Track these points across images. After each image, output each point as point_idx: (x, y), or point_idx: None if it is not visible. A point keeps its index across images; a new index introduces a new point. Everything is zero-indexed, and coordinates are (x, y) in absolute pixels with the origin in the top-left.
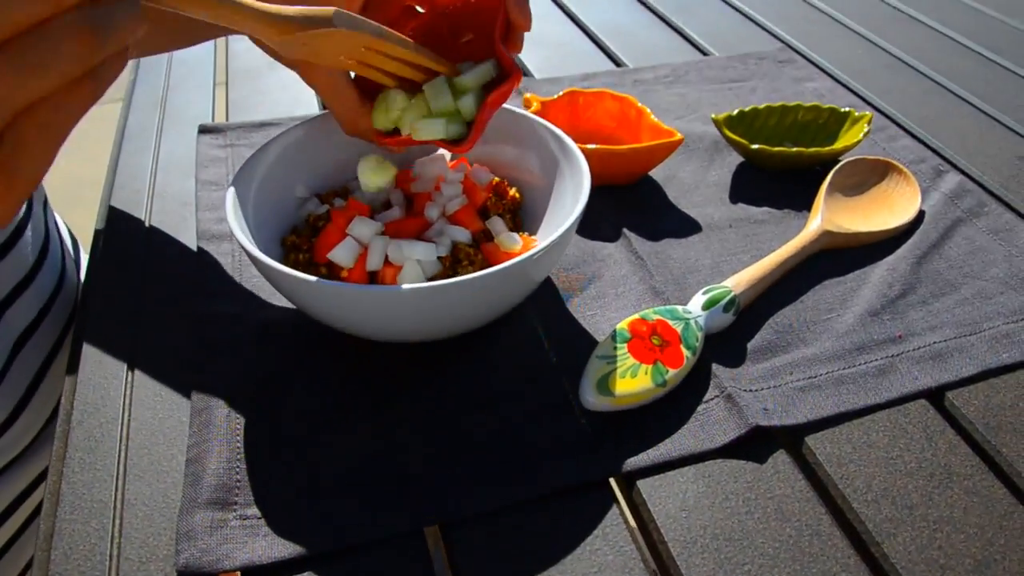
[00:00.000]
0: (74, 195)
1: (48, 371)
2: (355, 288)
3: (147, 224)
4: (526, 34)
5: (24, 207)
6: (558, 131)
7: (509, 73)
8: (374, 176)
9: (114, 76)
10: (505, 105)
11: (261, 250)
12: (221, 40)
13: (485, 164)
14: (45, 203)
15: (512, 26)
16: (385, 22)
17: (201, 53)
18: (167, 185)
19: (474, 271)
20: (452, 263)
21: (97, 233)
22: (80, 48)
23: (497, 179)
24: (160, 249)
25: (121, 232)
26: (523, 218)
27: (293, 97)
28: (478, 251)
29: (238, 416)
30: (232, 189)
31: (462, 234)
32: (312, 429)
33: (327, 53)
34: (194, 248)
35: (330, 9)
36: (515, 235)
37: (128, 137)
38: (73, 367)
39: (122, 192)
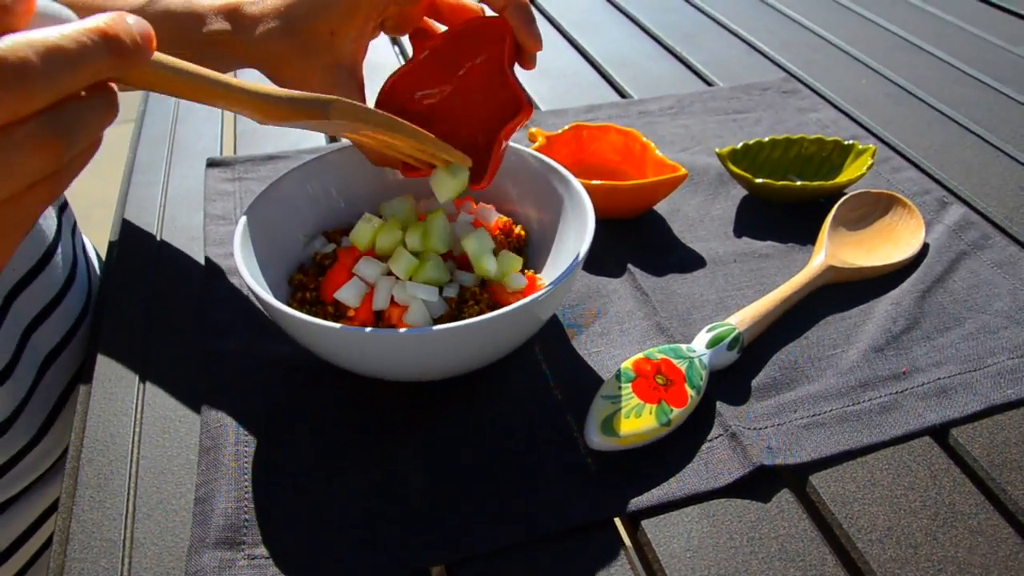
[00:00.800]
0: (84, 215)
1: (72, 394)
2: (360, 331)
3: (156, 259)
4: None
5: (54, 230)
6: (562, 169)
7: (519, 105)
8: (447, 184)
9: (81, 167)
10: (510, 143)
11: (269, 287)
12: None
13: (491, 203)
14: (74, 228)
15: (522, 48)
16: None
17: None
18: (176, 218)
19: (480, 311)
20: (458, 303)
21: (106, 268)
22: (43, 158)
23: (504, 218)
24: (169, 285)
25: (130, 269)
26: (529, 255)
27: (300, 131)
28: (484, 290)
29: (246, 455)
30: (240, 229)
31: (467, 278)
32: (319, 468)
33: (327, 129)
34: (203, 283)
35: (330, 98)
36: (520, 276)
37: (137, 170)
38: (83, 405)
39: (132, 226)
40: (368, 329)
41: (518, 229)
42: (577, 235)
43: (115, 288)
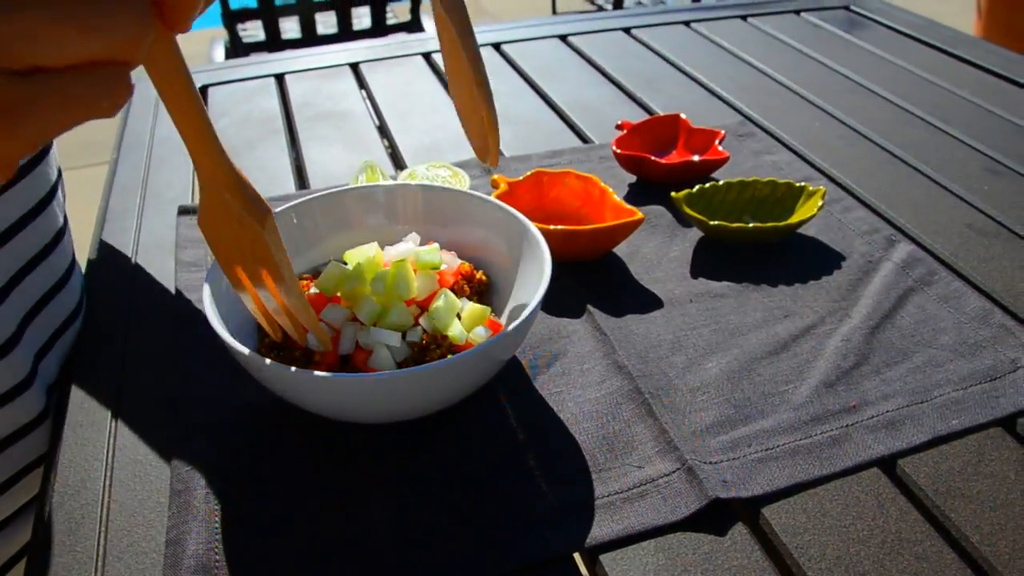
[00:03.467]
0: None
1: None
2: (324, 376)
3: (128, 305)
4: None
5: (62, 220)
6: (522, 217)
7: None
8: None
9: (127, 94)
10: (472, 192)
11: (237, 334)
12: None
13: (453, 248)
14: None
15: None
16: None
17: None
18: (148, 265)
19: (441, 354)
20: (421, 348)
21: (79, 313)
22: (133, 26)
23: (466, 264)
24: (140, 330)
25: (102, 312)
26: (491, 298)
27: (270, 177)
28: (444, 336)
29: (216, 497)
30: (210, 276)
31: (426, 323)
32: (288, 509)
33: (230, 244)
34: (173, 329)
35: (269, 209)
36: (484, 328)
37: (110, 218)
38: (53, 449)
39: (104, 272)
40: (332, 374)
41: (479, 275)
42: (535, 280)
43: (87, 332)
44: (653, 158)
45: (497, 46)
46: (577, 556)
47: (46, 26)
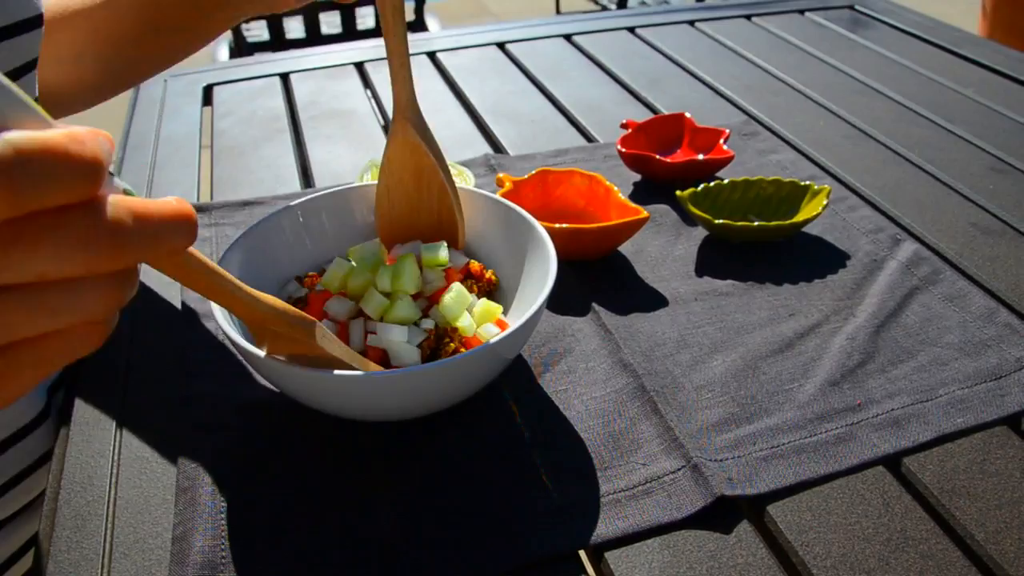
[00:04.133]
0: None
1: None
2: (330, 374)
3: (134, 303)
4: (502, 110)
5: None
6: (528, 215)
7: None
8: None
9: (111, 329)
10: (477, 190)
11: (242, 330)
12: (207, 119)
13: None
14: None
15: None
16: None
17: (187, 132)
18: None
19: (455, 349)
20: (436, 341)
21: None
22: (106, 303)
23: (475, 263)
24: (145, 328)
25: None
26: (500, 297)
27: (275, 175)
28: (455, 329)
29: (223, 494)
30: None
31: (436, 316)
32: (293, 505)
33: (298, 357)
34: (179, 328)
35: (313, 320)
36: (492, 325)
37: None
38: (60, 447)
39: None
40: (338, 372)
41: (489, 274)
42: (540, 278)
43: None
44: (658, 157)
45: (501, 45)
46: (582, 553)
47: (18, 315)
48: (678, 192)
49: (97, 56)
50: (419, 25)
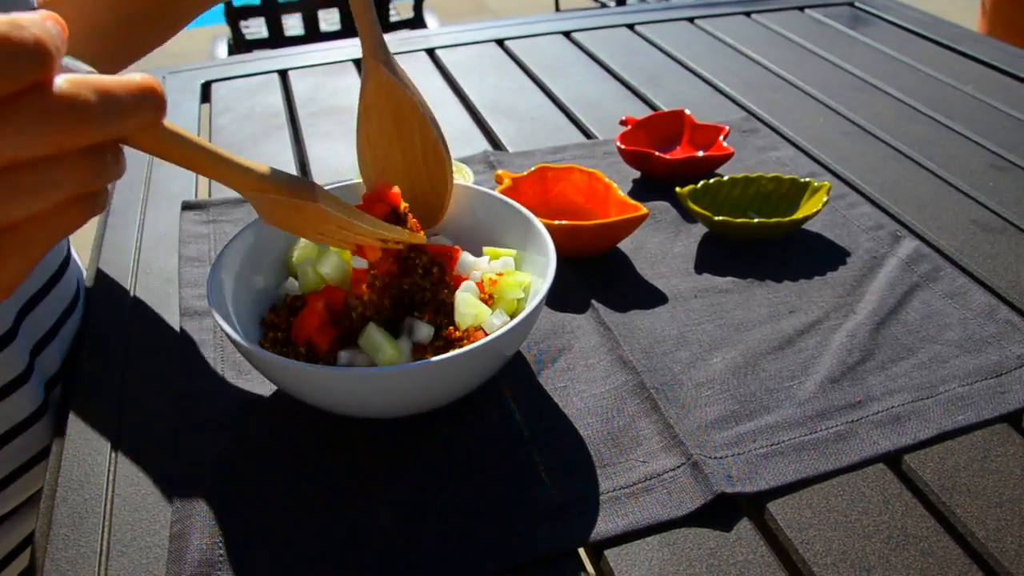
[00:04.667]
0: None
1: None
2: (329, 370)
3: (131, 300)
4: (501, 107)
5: (65, 249)
6: (526, 212)
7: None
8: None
9: (101, 208)
10: (476, 186)
11: (240, 328)
12: (205, 115)
13: (457, 243)
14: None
15: None
16: None
17: (185, 128)
18: (151, 261)
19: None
20: (446, 342)
21: (83, 308)
22: (82, 178)
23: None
24: (144, 325)
25: (105, 309)
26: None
27: None
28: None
29: (220, 492)
30: (213, 271)
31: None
32: (292, 503)
33: (300, 224)
34: (177, 324)
35: (314, 183)
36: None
37: (113, 213)
38: (57, 444)
39: (107, 268)
40: (334, 368)
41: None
42: (540, 275)
43: (91, 327)
44: (657, 154)
45: (500, 42)
46: (582, 551)
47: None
48: (678, 189)
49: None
50: (418, 22)
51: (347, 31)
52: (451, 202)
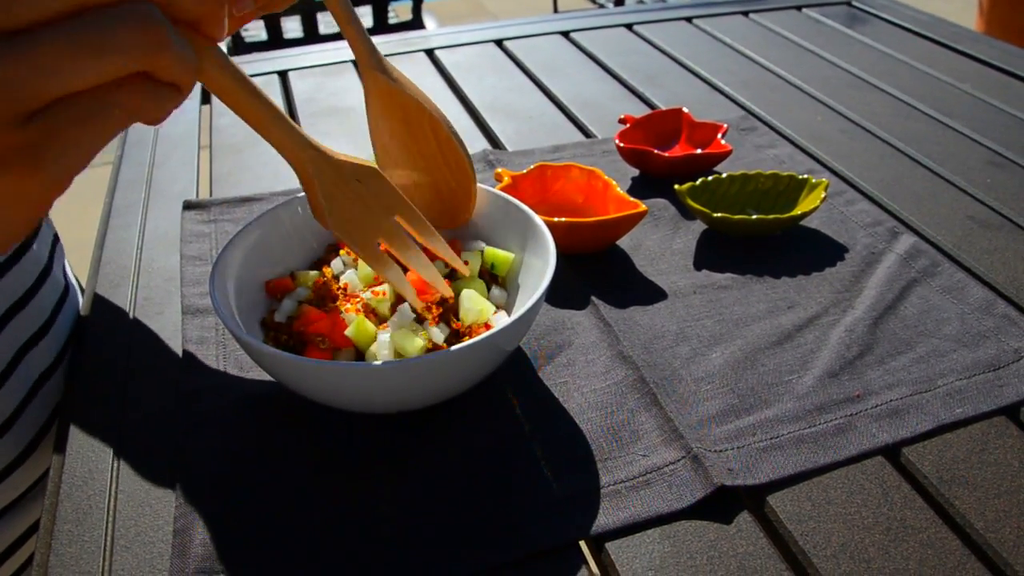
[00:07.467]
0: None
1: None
2: (332, 365)
3: (133, 299)
4: (501, 107)
5: (47, 257)
6: (526, 208)
7: None
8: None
9: (172, 106)
10: (478, 185)
11: (243, 326)
12: (205, 115)
13: (458, 240)
14: (64, 259)
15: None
16: None
17: (185, 129)
18: (153, 260)
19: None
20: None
21: (85, 306)
22: (140, 37)
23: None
24: (146, 324)
25: (107, 308)
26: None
27: (274, 172)
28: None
29: (223, 487)
30: (215, 270)
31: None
32: (294, 498)
33: (363, 219)
34: (179, 323)
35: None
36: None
37: (115, 213)
38: (61, 441)
39: (109, 267)
40: (335, 363)
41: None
42: (540, 272)
43: (94, 326)
44: (656, 152)
45: (499, 42)
46: (583, 544)
47: (58, 56)
48: (676, 186)
49: None
50: (417, 24)
51: None
52: None
